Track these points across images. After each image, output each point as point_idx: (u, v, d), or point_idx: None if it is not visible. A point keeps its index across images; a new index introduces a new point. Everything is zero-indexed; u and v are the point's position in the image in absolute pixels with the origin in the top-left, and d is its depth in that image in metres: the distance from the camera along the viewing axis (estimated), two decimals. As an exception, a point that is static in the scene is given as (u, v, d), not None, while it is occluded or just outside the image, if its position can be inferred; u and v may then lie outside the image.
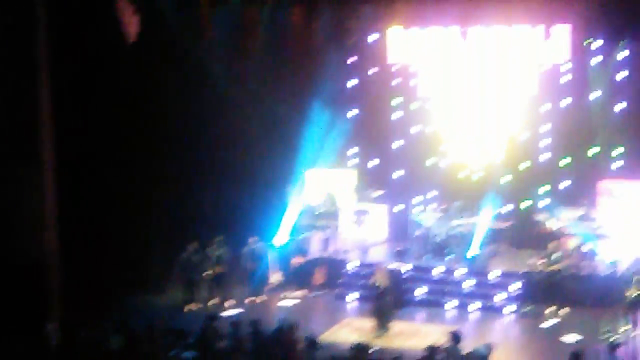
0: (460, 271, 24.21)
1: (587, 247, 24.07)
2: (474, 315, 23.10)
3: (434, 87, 27.09)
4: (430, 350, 16.87)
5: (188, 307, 23.49)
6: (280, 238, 25.94)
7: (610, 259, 23.50)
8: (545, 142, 26.31)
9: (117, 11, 23.13)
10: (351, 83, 27.98)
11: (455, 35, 26.57)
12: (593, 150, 25.85)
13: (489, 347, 17.36)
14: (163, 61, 24.43)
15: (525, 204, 26.23)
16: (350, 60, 28.00)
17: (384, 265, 22.39)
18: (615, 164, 25.79)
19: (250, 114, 26.54)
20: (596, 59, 26.03)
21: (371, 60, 27.77)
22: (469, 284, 23.89)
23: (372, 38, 27.76)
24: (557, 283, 22.94)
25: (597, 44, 25.90)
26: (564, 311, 22.72)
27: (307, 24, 27.65)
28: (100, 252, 23.40)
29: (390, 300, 21.32)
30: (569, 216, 24.86)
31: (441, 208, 25.84)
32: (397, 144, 27.49)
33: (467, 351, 17.31)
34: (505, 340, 21.64)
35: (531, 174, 26.25)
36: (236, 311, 22.98)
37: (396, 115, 27.55)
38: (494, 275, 23.99)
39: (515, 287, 23.46)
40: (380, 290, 21.11)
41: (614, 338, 19.73)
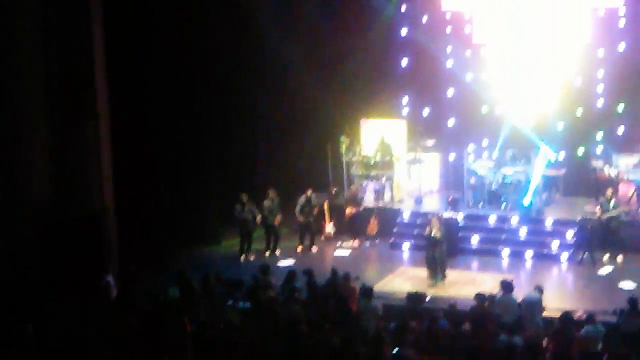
0: (515, 219, 24.10)
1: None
2: (529, 263, 23.03)
3: (488, 34, 26.72)
4: (479, 299, 16.92)
5: (243, 258, 23.68)
6: (336, 188, 26.02)
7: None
8: (600, 88, 25.94)
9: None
10: (404, 31, 27.73)
11: (508, -20, 26.21)
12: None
13: (540, 289, 17.39)
14: (216, 13, 24.47)
15: (581, 151, 25.93)
16: (404, 7, 27.72)
17: (439, 214, 22.35)
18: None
19: (303, 65, 26.49)
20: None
21: (424, 8, 27.47)
22: (524, 232, 23.79)
23: (425, -15, 27.47)
24: (614, 230, 22.77)
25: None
26: (620, 258, 22.59)
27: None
28: (156, 205, 23.66)
29: (444, 249, 21.30)
30: (625, 162, 24.55)
31: (495, 156, 25.65)
32: (451, 92, 27.27)
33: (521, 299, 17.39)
34: (561, 287, 21.63)
35: (586, 120, 25.91)
36: (291, 261, 23.14)
37: (450, 62, 27.30)
38: (549, 222, 23.86)
39: (571, 235, 23.32)
40: (434, 239, 21.10)
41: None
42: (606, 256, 22.64)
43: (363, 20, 27.18)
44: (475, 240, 23.88)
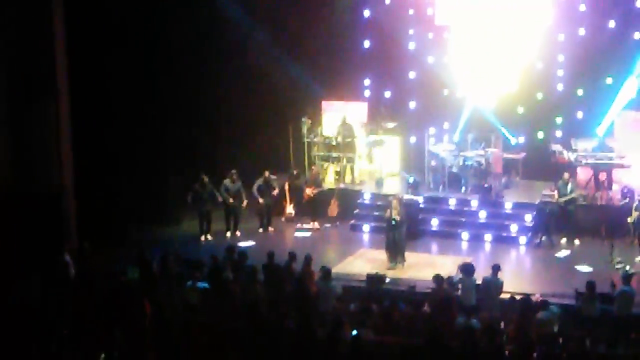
0: (475, 202, 24.23)
1: (602, 178, 24.00)
2: (488, 246, 23.17)
3: (451, 16, 26.74)
4: (437, 281, 17.03)
5: (203, 239, 23.63)
6: (297, 169, 25.99)
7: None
8: (560, 72, 26.07)
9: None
10: (367, 12, 27.67)
11: (471, -37, 26.25)
12: (608, 80, 25.57)
13: (497, 268, 17.57)
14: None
15: (541, 135, 26.09)
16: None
17: (399, 196, 22.39)
18: (630, 94, 25.45)
19: (265, 46, 26.43)
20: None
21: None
22: (484, 215, 23.92)
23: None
24: (570, 213, 22.98)
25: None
26: (577, 241, 22.79)
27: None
28: (116, 184, 23.52)
29: (404, 231, 21.35)
30: (584, 146, 24.71)
31: (456, 139, 25.74)
32: (412, 74, 27.27)
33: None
34: (520, 270, 21.78)
35: (546, 104, 26.06)
36: (251, 243, 23.11)
37: (412, 45, 27.29)
38: (508, 206, 24.01)
39: (529, 218, 23.50)
40: (394, 221, 21.13)
41: (628, 268, 19.84)
42: (564, 239, 22.85)
43: (325, 1, 27.12)
44: (435, 222, 23.96)
